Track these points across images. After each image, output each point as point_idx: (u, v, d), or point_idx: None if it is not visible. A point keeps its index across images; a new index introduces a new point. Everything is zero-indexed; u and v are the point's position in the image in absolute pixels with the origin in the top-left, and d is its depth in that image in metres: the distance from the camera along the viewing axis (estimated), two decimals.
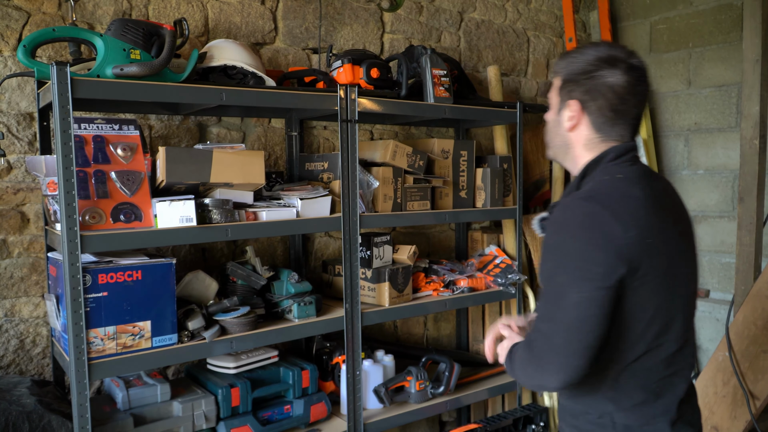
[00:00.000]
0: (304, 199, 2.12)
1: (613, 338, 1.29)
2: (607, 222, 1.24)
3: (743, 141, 2.77)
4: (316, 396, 2.23)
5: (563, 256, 1.27)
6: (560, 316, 1.25)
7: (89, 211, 1.72)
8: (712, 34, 3.27)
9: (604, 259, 1.23)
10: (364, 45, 2.76)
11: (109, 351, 1.76)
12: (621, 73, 1.34)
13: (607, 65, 1.34)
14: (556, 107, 1.43)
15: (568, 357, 1.24)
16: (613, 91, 1.34)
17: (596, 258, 1.23)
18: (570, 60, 1.40)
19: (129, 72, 1.72)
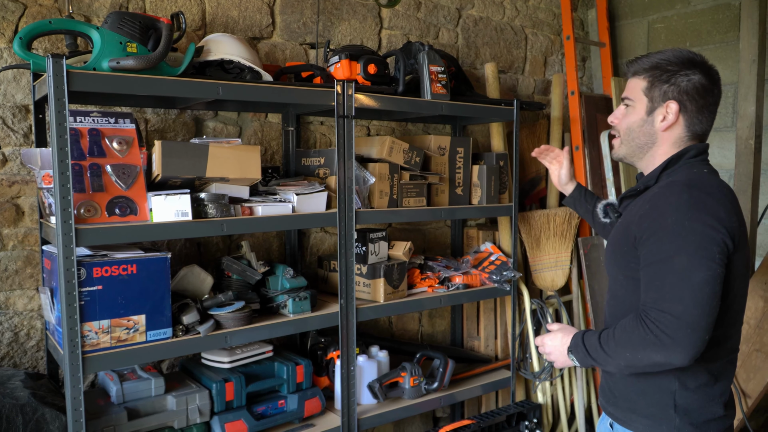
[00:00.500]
0: (300, 194, 2.12)
1: None
2: (715, 206, 1.35)
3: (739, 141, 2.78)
4: (311, 391, 2.23)
5: (681, 237, 1.32)
6: (689, 295, 1.29)
7: (84, 204, 1.72)
8: (710, 34, 3.28)
9: (720, 238, 1.32)
10: (362, 41, 2.76)
11: (103, 345, 1.76)
12: (706, 76, 1.47)
13: (694, 67, 1.47)
14: (645, 107, 1.51)
15: (701, 333, 1.29)
16: (703, 92, 1.47)
17: (714, 238, 1.31)
18: (654, 62, 1.49)
19: (125, 65, 1.72)
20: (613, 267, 1.55)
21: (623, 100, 1.58)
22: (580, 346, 1.47)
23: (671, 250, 1.33)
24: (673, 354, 1.30)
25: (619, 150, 1.60)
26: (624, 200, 1.60)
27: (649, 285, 1.36)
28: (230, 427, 2.02)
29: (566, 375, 3.13)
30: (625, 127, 1.57)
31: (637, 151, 1.56)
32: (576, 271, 3.14)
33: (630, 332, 1.37)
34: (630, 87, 1.55)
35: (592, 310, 3.07)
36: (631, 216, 1.48)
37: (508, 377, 2.75)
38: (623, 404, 1.53)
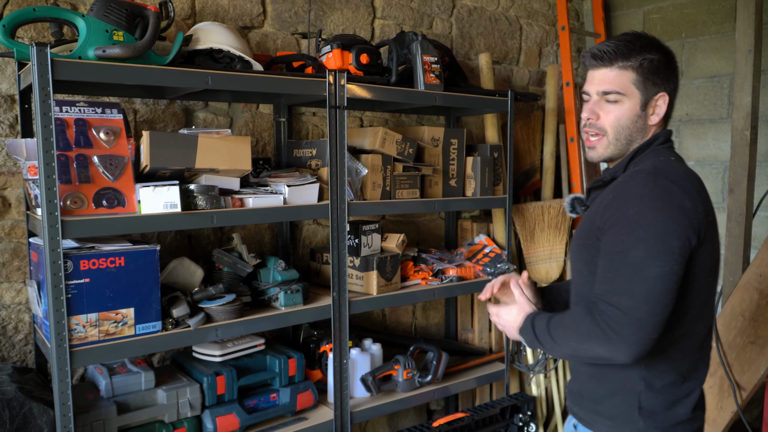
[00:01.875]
0: (291, 186, 2.09)
1: None
2: (679, 196, 1.28)
3: (734, 132, 2.76)
4: (303, 384, 2.21)
5: (641, 228, 1.26)
6: (640, 290, 1.24)
7: (71, 196, 1.69)
8: (705, 25, 3.25)
9: (682, 232, 1.25)
10: (354, 30, 2.73)
11: (91, 338, 1.74)
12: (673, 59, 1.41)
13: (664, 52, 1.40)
14: (639, 101, 1.39)
15: (648, 330, 1.24)
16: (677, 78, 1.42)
17: (675, 231, 1.25)
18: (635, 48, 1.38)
19: (111, 54, 1.68)
20: (578, 261, 1.46)
21: (605, 95, 1.41)
22: (529, 329, 1.41)
23: (629, 241, 1.26)
24: (616, 350, 1.25)
25: (606, 150, 1.44)
26: (591, 192, 1.50)
27: (602, 276, 1.30)
28: (222, 420, 2.00)
29: (560, 368, 3.12)
30: (613, 123, 1.41)
31: (625, 149, 1.43)
32: None
33: (578, 322, 1.32)
34: (612, 80, 1.39)
35: None
36: (596, 207, 1.41)
37: (502, 370, 2.74)
38: (588, 404, 1.47)
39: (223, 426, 2.00)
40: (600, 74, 1.41)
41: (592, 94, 1.43)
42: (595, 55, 1.40)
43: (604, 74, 1.40)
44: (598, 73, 1.41)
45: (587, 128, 1.45)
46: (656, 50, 1.38)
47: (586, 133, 1.46)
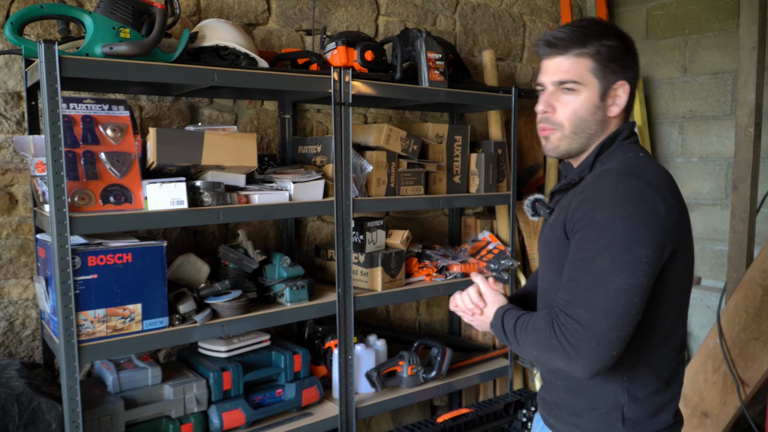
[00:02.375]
0: (296, 182, 2.10)
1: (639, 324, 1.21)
2: (653, 199, 1.18)
3: (738, 129, 2.76)
4: (308, 380, 2.22)
5: (607, 236, 1.16)
6: (602, 303, 1.15)
7: (78, 192, 1.70)
8: (709, 21, 3.25)
9: (653, 240, 1.16)
10: (359, 27, 2.73)
11: (99, 334, 1.75)
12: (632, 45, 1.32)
13: (622, 38, 1.31)
14: (598, 91, 1.29)
15: (608, 347, 1.15)
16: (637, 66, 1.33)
17: (645, 239, 1.15)
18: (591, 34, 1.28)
19: (118, 51, 1.69)
20: (548, 271, 1.35)
21: (561, 84, 1.30)
22: (499, 325, 1.34)
23: (595, 249, 1.16)
24: (574, 365, 1.18)
25: (562, 143, 1.33)
26: (555, 195, 1.38)
27: (565, 284, 1.21)
28: (228, 416, 2.01)
29: None
30: (570, 115, 1.29)
31: (586, 143, 1.32)
32: None
33: (539, 330, 1.23)
34: (567, 68, 1.28)
35: None
36: (563, 210, 1.29)
37: (506, 366, 2.75)
38: (566, 417, 1.37)
39: (230, 421, 2.01)
40: (555, 63, 1.30)
41: (547, 85, 1.32)
42: (549, 42, 1.30)
43: (559, 63, 1.29)
44: (553, 62, 1.31)
45: (541, 122, 1.34)
46: (614, 36, 1.29)
47: (540, 127, 1.36)
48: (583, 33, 1.28)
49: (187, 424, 1.96)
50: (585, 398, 1.33)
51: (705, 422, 2.65)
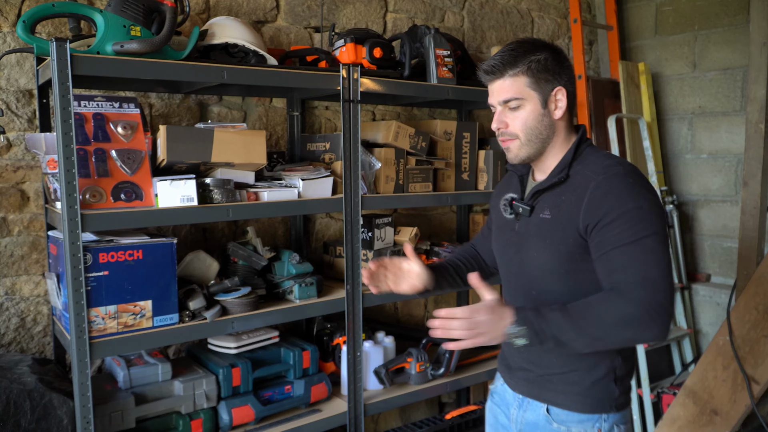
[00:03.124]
0: (305, 179, 2.10)
1: None
2: (652, 189, 1.40)
3: (748, 125, 2.75)
4: (317, 377, 2.23)
5: (646, 219, 1.33)
6: (664, 275, 1.32)
7: (89, 189, 1.71)
8: (719, 17, 3.23)
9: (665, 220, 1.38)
10: (367, 24, 2.73)
11: (110, 330, 1.76)
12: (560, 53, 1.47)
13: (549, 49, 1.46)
14: (538, 101, 1.44)
15: (672, 309, 1.33)
16: (571, 70, 1.49)
17: (663, 218, 1.37)
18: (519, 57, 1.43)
19: (129, 49, 1.70)
20: (550, 262, 1.45)
21: (506, 103, 1.46)
22: (533, 321, 1.31)
23: (641, 231, 1.33)
24: (655, 331, 1.31)
25: (521, 151, 1.48)
26: (539, 194, 1.49)
27: (625, 265, 1.33)
28: (237, 412, 2.02)
29: None
30: (521, 126, 1.45)
31: (541, 147, 1.48)
32: None
33: (612, 310, 1.31)
34: (507, 88, 1.45)
35: None
36: (564, 207, 1.41)
37: None
38: (563, 387, 1.49)
39: (239, 417, 2.03)
40: (496, 86, 1.47)
41: (496, 105, 1.49)
42: (486, 70, 1.47)
43: (500, 85, 1.46)
44: (495, 85, 1.47)
45: (500, 136, 1.50)
46: (541, 50, 1.44)
47: (500, 141, 1.52)
48: (512, 55, 1.44)
49: (196, 420, 1.97)
50: (584, 366, 1.47)
51: (714, 420, 2.64)
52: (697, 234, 3.42)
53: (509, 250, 1.57)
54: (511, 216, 1.55)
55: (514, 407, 1.61)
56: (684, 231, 3.46)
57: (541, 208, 1.47)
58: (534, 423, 1.54)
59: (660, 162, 3.44)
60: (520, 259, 1.52)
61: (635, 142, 3.31)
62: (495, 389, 1.73)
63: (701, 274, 3.41)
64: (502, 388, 1.67)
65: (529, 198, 1.51)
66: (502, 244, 1.61)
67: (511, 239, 1.55)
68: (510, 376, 1.63)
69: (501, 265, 1.64)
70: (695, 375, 2.74)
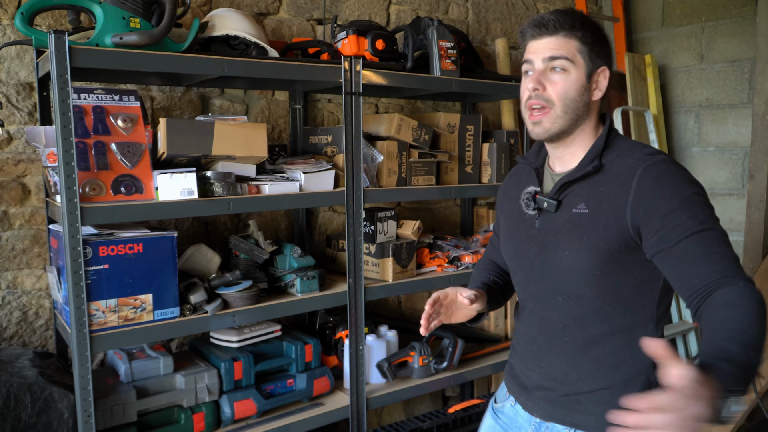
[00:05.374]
0: (307, 172, 2.09)
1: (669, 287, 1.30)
2: None
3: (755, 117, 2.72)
4: (319, 370, 2.23)
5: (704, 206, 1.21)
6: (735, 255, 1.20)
7: (89, 182, 1.70)
8: (726, 8, 3.20)
9: None
10: (370, 16, 2.71)
11: (110, 324, 1.76)
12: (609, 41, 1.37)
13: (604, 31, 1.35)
14: (584, 71, 1.30)
15: None
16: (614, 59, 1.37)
17: None
18: (579, 19, 1.30)
19: (128, 41, 1.69)
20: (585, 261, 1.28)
21: (552, 61, 1.29)
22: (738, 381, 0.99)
23: (707, 219, 1.19)
24: None
25: (554, 124, 1.30)
26: (567, 186, 1.33)
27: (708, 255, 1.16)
28: (239, 405, 2.02)
29: None
30: (561, 93, 1.29)
31: (574, 125, 1.31)
32: None
33: (753, 310, 1.11)
34: (558, 46, 1.29)
35: None
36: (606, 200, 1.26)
37: None
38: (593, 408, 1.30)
39: (241, 411, 2.02)
40: (544, 42, 1.30)
41: (536, 63, 1.31)
42: (538, 23, 1.31)
43: (549, 42, 1.30)
44: (542, 42, 1.31)
45: (532, 101, 1.31)
46: (594, 24, 1.33)
47: (530, 108, 1.32)
48: (570, 17, 1.30)
49: (198, 414, 1.97)
50: (618, 382, 1.29)
51: None
52: None
53: (530, 251, 1.38)
54: (533, 212, 1.37)
55: None
56: None
57: (572, 201, 1.31)
58: None
59: None
60: (545, 261, 1.34)
61: (641, 135, 3.28)
62: (502, 409, 1.51)
63: None
64: (512, 410, 1.47)
65: (556, 191, 1.33)
66: (519, 245, 1.42)
67: (533, 238, 1.37)
68: (527, 397, 1.42)
69: (517, 268, 1.44)
70: None
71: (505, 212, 1.51)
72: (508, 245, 1.47)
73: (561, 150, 1.36)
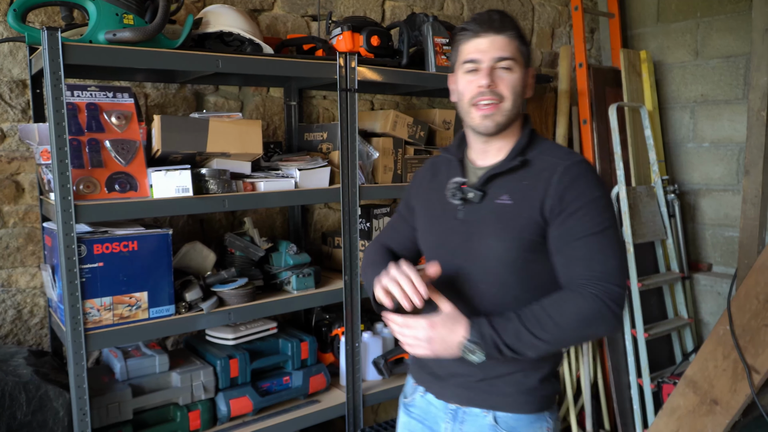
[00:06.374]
0: (302, 169, 2.08)
1: None
2: None
3: (750, 113, 2.72)
4: (315, 367, 2.22)
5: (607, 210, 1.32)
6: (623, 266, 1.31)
7: (83, 180, 1.70)
8: (721, 4, 3.20)
9: None
10: (365, 12, 2.70)
11: (105, 322, 1.75)
12: None
13: None
14: (523, 71, 1.36)
15: (624, 299, 1.30)
16: None
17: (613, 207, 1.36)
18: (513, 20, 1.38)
19: (122, 37, 1.68)
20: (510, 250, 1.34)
21: (500, 61, 1.33)
22: (489, 337, 1.25)
23: (605, 222, 1.30)
24: (619, 324, 1.29)
25: (503, 117, 1.35)
26: (493, 178, 1.38)
27: (591, 257, 1.28)
28: (235, 403, 2.02)
29: (572, 351, 3.12)
30: (512, 89, 1.34)
31: (513, 119, 1.38)
32: None
33: (577, 309, 1.25)
34: (505, 46, 1.33)
35: None
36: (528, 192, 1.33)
37: None
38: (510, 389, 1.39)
39: (237, 408, 2.02)
40: (488, 41, 1.33)
41: (484, 61, 1.33)
42: (483, 20, 1.34)
43: (495, 41, 1.33)
44: (486, 40, 1.33)
45: (484, 96, 1.34)
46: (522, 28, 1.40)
47: (478, 104, 1.35)
48: (510, 19, 1.37)
49: (194, 412, 1.96)
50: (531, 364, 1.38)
51: (715, 409, 2.64)
52: (699, 223, 3.40)
53: (453, 240, 1.41)
54: (458, 202, 1.40)
55: (445, 421, 1.45)
56: (685, 220, 3.43)
57: (496, 193, 1.37)
58: None
59: (661, 151, 3.42)
60: (469, 250, 1.38)
61: (636, 131, 3.28)
62: (412, 402, 1.56)
63: (703, 263, 3.39)
64: (424, 401, 1.51)
65: (482, 182, 1.38)
66: (440, 235, 1.45)
67: (456, 228, 1.41)
68: (440, 386, 1.46)
69: (439, 257, 1.42)
70: (696, 365, 2.73)
71: (423, 202, 1.54)
72: (429, 235, 1.51)
73: (491, 144, 1.42)
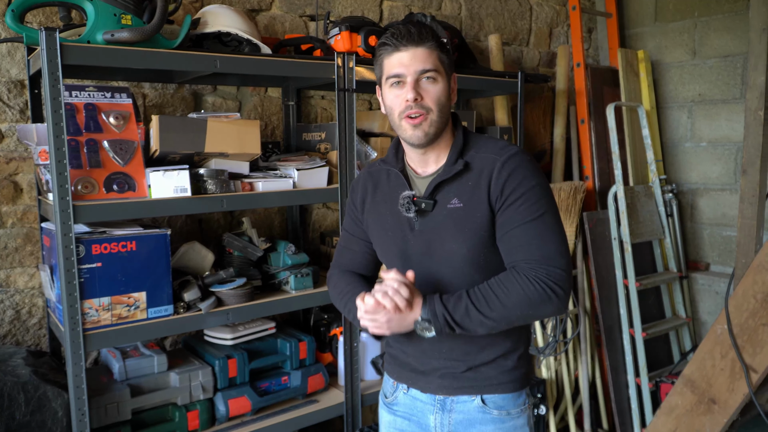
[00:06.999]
0: (300, 169, 2.09)
1: None
2: None
3: (748, 112, 2.72)
4: (314, 367, 2.23)
5: (545, 197, 1.36)
6: (563, 248, 1.35)
7: (81, 180, 1.70)
8: (719, 3, 3.20)
9: None
10: (363, 12, 2.70)
11: (104, 322, 1.75)
12: None
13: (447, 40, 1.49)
14: (446, 79, 1.39)
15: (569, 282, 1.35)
16: None
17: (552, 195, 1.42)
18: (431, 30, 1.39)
19: (120, 38, 1.68)
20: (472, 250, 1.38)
21: (424, 73, 1.35)
22: (440, 312, 1.31)
23: (542, 207, 1.35)
24: (563, 305, 1.33)
25: (432, 128, 1.37)
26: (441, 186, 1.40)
27: (530, 242, 1.34)
28: (234, 403, 2.02)
29: (570, 350, 3.12)
30: (437, 100, 1.36)
31: (444, 128, 1.40)
32: (581, 246, 3.11)
33: (521, 290, 1.30)
34: (426, 58, 1.35)
35: (597, 284, 3.05)
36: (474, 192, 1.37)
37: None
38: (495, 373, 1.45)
39: (236, 408, 2.02)
40: (409, 54, 1.35)
41: (408, 75, 1.35)
42: (402, 34, 1.35)
43: (416, 54, 1.35)
44: (407, 54, 1.35)
45: (412, 110, 1.35)
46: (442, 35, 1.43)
47: (407, 117, 1.36)
48: (426, 28, 1.39)
49: (193, 412, 1.97)
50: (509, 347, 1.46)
51: (713, 408, 2.64)
52: (697, 223, 3.41)
53: (415, 250, 1.44)
54: (413, 215, 1.41)
55: (434, 413, 1.49)
56: (683, 220, 3.44)
57: (445, 198, 1.39)
58: (467, 420, 1.46)
59: (659, 150, 3.42)
60: (433, 256, 1.42)
61: (634, 131, 3.28)
62: (395, 401, 1.57)
63: (700, 262, 3.40)
64: (407, 397, 1.54)
65: (431, 191, 1.40)
66: (400, 248, 1.46)
67: (414, 239, 1.43)
68: (425, 381, 1.50)
69: (405, 266, 1.43)
70: (693, 364, 2.73)
71: (373, 215, 1.52)
72: (390, 246, 1.49)
73: (428, 154, 1.44)
